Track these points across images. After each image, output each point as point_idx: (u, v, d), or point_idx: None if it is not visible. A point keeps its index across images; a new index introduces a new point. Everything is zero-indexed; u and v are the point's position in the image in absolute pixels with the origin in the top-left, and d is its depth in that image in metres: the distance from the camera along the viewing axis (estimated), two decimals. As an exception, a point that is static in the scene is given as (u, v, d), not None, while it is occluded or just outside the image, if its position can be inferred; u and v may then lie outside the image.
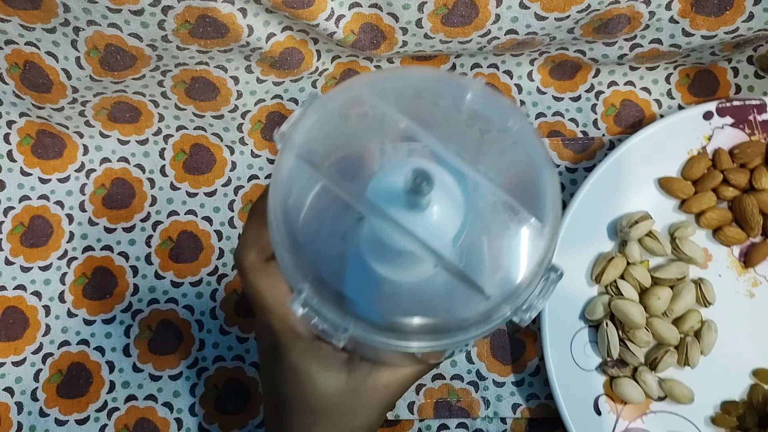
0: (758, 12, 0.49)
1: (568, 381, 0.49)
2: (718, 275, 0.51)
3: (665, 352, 0.49)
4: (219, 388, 0.51)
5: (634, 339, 0.49)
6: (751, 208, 0.51)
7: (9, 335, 0.52)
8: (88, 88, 0.50)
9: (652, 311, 0.49)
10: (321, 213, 0.38)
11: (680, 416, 0.49)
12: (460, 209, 0.34)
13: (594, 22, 0.50)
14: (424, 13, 0.49)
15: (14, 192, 0.54)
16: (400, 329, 0.35)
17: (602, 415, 0.49)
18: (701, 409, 0.49)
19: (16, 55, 0.49)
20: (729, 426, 0.49)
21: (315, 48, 0.53)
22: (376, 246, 0.37)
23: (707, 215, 0.51)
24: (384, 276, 0.38)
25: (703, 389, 0.49)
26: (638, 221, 0.50)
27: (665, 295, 0.49)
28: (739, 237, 0.51)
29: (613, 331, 0.49)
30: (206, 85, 0.52)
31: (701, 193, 0.52)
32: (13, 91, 0.51)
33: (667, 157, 0.52)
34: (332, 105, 0.37)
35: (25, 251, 0.53)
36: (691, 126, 0.52)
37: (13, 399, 0.51)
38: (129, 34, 0.46)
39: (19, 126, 0.54)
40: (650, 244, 0.51)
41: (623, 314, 0.49)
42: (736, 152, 0.52)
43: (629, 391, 0.48)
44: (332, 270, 0.37)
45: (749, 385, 0.50)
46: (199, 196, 0.55)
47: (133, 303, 0.53)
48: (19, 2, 0.45)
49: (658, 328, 0.49)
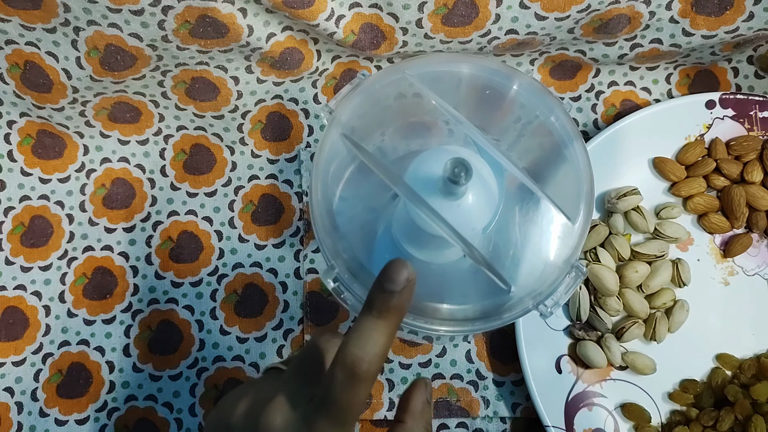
0: (758, 11, 0.49)
1: (535, 337, 0.50)
2: (696, 259, 0.53)
3: (633, 323, 0.50)
4: (219, 388, 0.51)
5: (605, 306, 0.50)
6: (739, 198, 0.52)
7: (9, 335, 0.52)
8: (89, 88, 0.50)
9: (626, 283, 0.51)
10: (357, 189, 0.39)
11: (639, 387, 0.50)
12: (494, 200, 0.34)
13: (594, 22, 0.50)
14: (425, 13, 0.49)
15: (14, 192, 0.54)
16: (423, 312, 0.35)
17: (562, 374, 0.50)
18: (660, 384, 0.50)
19: (17, 55, 0.49)
20: (685, 402, 0.50)
21: (315, 48, 0.53)
22: (408, 227, 0.38)
23: (695, 200, 0.52)
24: (412, 256, 0.38)
25: (665, 366, 0.50)
26: (627, 194, 0.51)
27: (643, 270, 0.51)
28: (723, 226, 0.52)
29: (585, 295, 0.51)
30: (206, 85, 0.52)
31: (692, 178, 0.53)
32: (13, 91, 0.51)
33: (664, 139, 0.53)
34: (379, 86, 0.38)
35: (25, 251, 0.53)
36: (693, 113, 0.53)
37: (13, 399, 0.51)
38: (129, 34, 0.46)
39: (20, 126, 0.54)
40: (635, 218, 0.51)
41: (598, 279, 0.50)
42: (732, 144, 0.53)
43: (592, 354, 0.49)
44: (363, 247, 0.38)
45: (711, 368, 0.51)
46: (200, 196, 0.55)
47: (134, 303, 0.53)
48: (19, 2, 0.45)
49: (630, 299, 0.50)
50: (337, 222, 0.36)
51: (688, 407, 0.49)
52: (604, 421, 0.49)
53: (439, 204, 0.33)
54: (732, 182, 0.53)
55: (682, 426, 0.48)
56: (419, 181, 0.34)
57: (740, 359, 0.50)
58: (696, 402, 0.50)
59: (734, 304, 0.52)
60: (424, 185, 0.34)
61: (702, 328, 0.51)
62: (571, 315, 0.51)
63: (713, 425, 0.48)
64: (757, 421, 0.46)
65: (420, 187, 0.33)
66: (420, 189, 0.33)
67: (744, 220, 0.52)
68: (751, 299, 0.52)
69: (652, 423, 0.49)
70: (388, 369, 0.51)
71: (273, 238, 0.53)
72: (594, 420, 0.49)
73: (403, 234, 0.41)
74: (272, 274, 0.53)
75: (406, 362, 0.51)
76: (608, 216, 0.52)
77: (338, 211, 0.36)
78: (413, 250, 0.40)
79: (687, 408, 0.49)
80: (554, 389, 0.49)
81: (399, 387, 0.51)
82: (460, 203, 0.33)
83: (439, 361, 0.51)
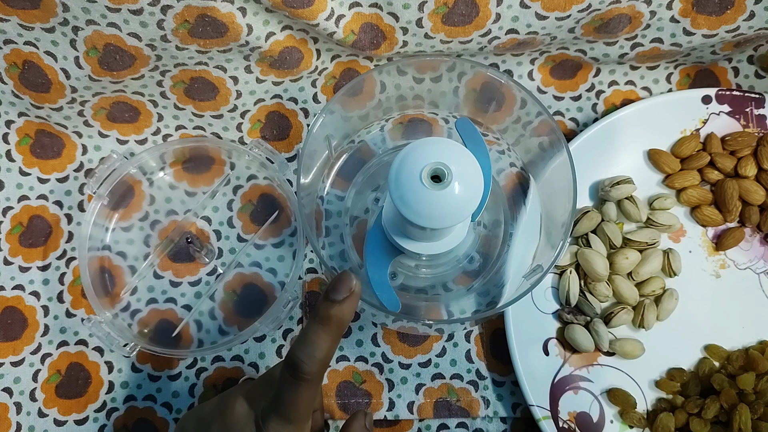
0: (759, 11, 0.49)
1: (523, 318, 0.50)
2: (688, 251, 0.53)
3: (622, 308, 0.50)
4: (218, 388, 0.51)
5: (594, 291, 0.51)
6: (732, 192, 0.52)
7: (7, 335, 0.51)
8: (87, 87, 0.50)
9: (617, 269, 0.51)
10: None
11: (625, 374, 0.51)
12: (479, 188, 0.36)
13: (595, 21, 0.50)
14: (425, 13, 0.49)
15: (13, 192, 0.54)
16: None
17: (549, 357, 0.50)
18: (647, 371, 0.51)
19: (15, 55, 0.49)
20: (671, 390, 0.50)
21: (315, 47, 0.52)
22: (396, 219, 0.41)
23: (688, 192, 0.53)
24: (403, 247, 0.42)
25: (653, 354, 0.50)
26: (620, 183, 0.52)
27: (633, 257, 0.51)
28: (715, 218, 0.53)
29: (575, 279, 0.51)
30: (205, 85, 0.52)
31: (686, 170, 0.53)
32: (12, 90, 0.51)
33: (660, 132, 0.54)
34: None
35: (23, 251, 0.53)
36: (689, 107, 0.53)
37: (11, 399, 0.51)
38: (128, 33, 0.46)
39: (18, 126, 0.54)
40: (628, 207, 0.52)
41: (588, 264, 0.50)
42: (727, 139, 0.53)
43: (580, 337, 0.50)
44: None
45: (699, 358, 0.51)
46: (198, 196, 0.54)
47: (132, 303, 0.52)
48: (18, 1, 0.45)
49: (620, 286, 0.50)
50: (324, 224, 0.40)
51: (674, 395, 0.50)
52: (589, 405, 0.49)
53: (428, 193, 0.34)
54: (725, 176, 0.53)
55: (667, 413, 0.49)
56: (405, 175, 0.35)
57: (728, 351, 0.50)
58: (682, 390, 0.50)
59: (724, 296, 0.52)
60: (409, 178, 0.35)
61: (691, 318, 0.51)
62: (561, 299, 0.51)
63: (698, 413, 0.48)
64: (742, 410, 0.47)
65: (406, 180, 0.35)
66: (406, 181, 0.35)
67: (737, 213, 0.52)
68: (742, 293, 0.52)
69: (638, 409, 0.49)
70: (388, 369, 0.51)
71: (272, 238, 0.53)
72: (579, 404, 0.49)
73: (392, 226, 0.42)
74: (271, 273, 0.53)
75: (405, 362, 0.51)
76: (601, 204, 0.53)
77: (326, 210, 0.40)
78: (403, 242, 0.41)
79: (673, 396, 0.50)
80: (540, 371, 0.49)
81: (399, 387, 0.51)
82: (447, 191, 0.35)
83: (439, 361, 0.51)
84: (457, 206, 0.35)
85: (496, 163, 0.48)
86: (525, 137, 0.47)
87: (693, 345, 0.51)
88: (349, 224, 0.48)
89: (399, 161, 0.36)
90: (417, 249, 0.42)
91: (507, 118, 0.47)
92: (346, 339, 0.51)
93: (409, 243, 0.42)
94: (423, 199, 0.35)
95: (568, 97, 0.56)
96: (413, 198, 0.35)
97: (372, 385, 0.51)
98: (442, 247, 0.42)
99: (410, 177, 0.35)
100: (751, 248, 0.53)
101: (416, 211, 0.35)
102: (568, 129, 0.55)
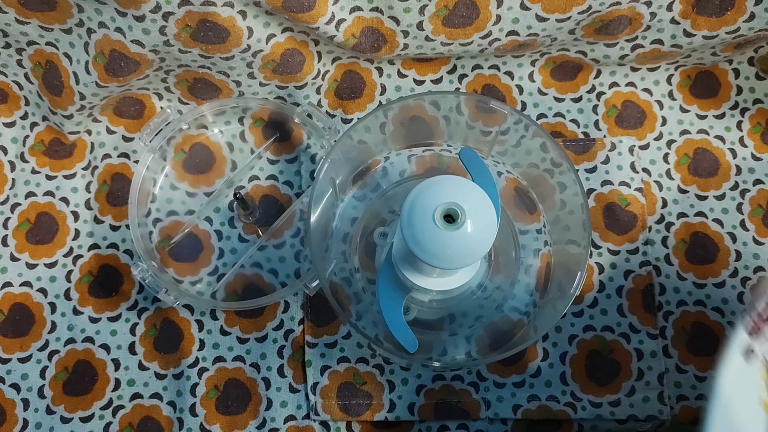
0: (759, 12, 0.48)
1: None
2: None
3: None
4: (219, 388, 0.52)
5: None
6: None
7: (15, 331, 0.52)
8: (95, 94, 0.51)
9: None
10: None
11: None
12: (493, 224, 0.36)
13: (595, 23, 0.50)
14: (425, 16, 0.49)
15: (20, 188, 0.55)
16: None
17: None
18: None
19: (39, 55, 0.50)
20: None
21: (316, 50, 0.53)
22: (406, 256, 0.42)
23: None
24: (413, 283, 0.42)
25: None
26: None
27: None
28: None
29: None
30: (208, 86, 0.53)
31: None
32: (37, 91, 0.52)
33: None
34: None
35: (30, 248, 0.54)
36: None
37: (19, 396, 0.51)
38: (131, 40, 0.47)
39: (40, 129, 0.55)
40: None
41: None
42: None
43: None
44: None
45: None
46: (199, 196, 0.55)
47: (139, 301, 0.53)
48: (35, 4, 0.46)
49: None
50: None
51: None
52: None
53: (441, 234, 0.34)
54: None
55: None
56: (417, 216, 0.35)
57: None
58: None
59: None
60: (422, 218, 0.35)
61: None
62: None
63: None
64: None
65: (419, 221, 0.35)
66: (419, 222, 0.35)
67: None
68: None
69: None
70: (388, 370, 0.51)
71: (274, 239, 0.54)
72: None
73: (403, 262, 0.41)
74: (272, 274, 0.53)
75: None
76: None
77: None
78: (415, 278, 0.41)
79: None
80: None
81: (400, 388, 0.51)
82: (461, 231, 0.35)
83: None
84: (471, 246, 0.35)
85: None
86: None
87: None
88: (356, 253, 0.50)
89: (411, 201, 0.36)
90: (430, 285, 0.41)
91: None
92: (348, 341, 0.52)
93: (422, 279, 0.41)
94: (437, 239, 0.35)
95: (568, 98, 0.55)
96: (427, 239, 0.35)
97: (373, 386, 0.51)
98: (455, 282, 0.42)
99: (423, 218, 0.35)
100: None
101: (431, 252, 0.35)
102: (569, 131, 0.55)
